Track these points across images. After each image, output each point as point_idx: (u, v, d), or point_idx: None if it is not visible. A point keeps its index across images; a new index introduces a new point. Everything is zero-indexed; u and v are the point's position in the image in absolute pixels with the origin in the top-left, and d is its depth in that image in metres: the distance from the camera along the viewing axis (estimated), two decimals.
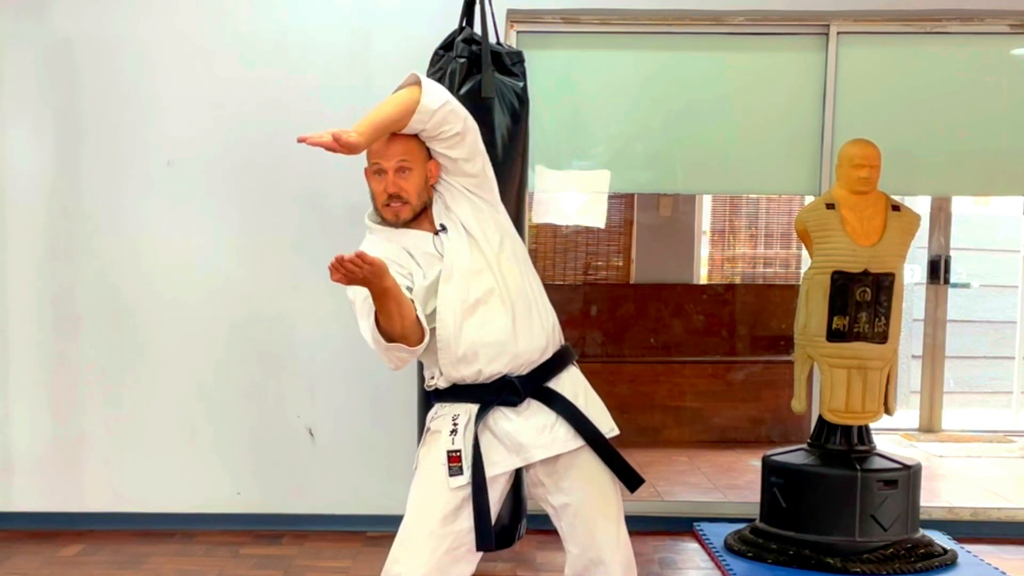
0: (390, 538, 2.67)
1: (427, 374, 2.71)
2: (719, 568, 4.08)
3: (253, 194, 4.51)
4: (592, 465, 2.64)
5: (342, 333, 4.51)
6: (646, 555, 4.23)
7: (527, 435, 2.60)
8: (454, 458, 2.55)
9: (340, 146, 2.44)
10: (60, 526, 4.53)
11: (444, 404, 2.66)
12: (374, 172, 2.62)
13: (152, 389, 4.55)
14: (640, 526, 4.43)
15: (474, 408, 2.59)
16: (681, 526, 4.59)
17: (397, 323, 2.45)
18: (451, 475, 2.55)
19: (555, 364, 2.66)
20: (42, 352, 4.56)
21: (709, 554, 4.26)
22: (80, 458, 4.57)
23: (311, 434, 4.57)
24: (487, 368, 2.57)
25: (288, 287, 4.53)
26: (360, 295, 2.49)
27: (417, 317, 2.49)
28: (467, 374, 2.58)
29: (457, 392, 2.63)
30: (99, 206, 4.51)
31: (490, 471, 2.57)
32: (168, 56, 4.49)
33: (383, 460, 4.46)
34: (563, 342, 2.74)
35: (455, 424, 2.58)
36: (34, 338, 4.55)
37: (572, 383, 2.69)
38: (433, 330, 2.54)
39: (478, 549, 2.56)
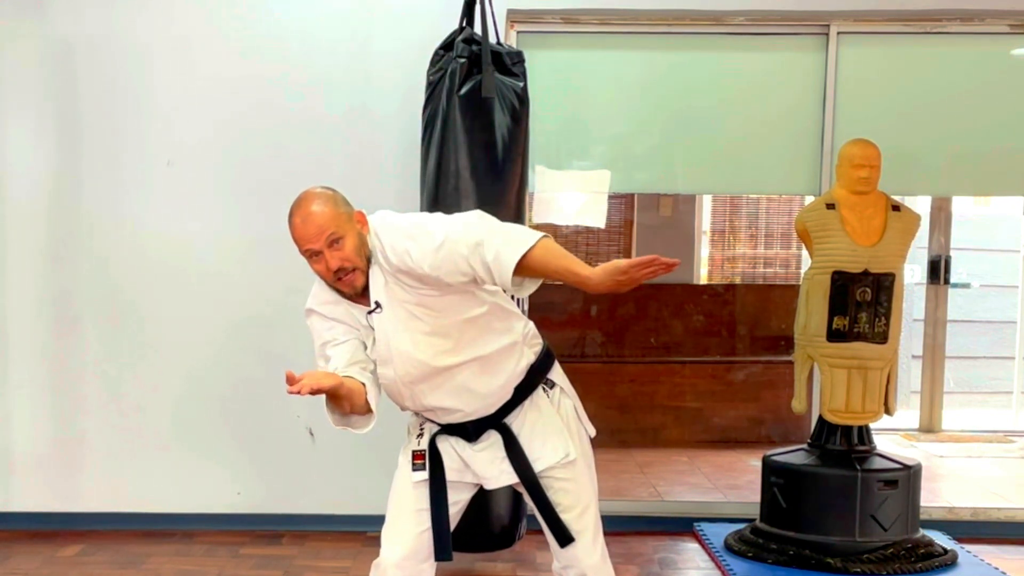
0: None
1: None
2: (719, 568, 4.08)
3: (253, 194, 4.50)
4: (558, 486, 2.68)
5: None
6: (646, 555, 4.23)
7: (478, 465, 2.70)
8: (418, 456, 2.71)
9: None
10: (60, 526, 4.53)
11: (415, 415, 2.79)
12: (309, 257, 2.55)
13: (152, 389, 4.55)
14: (640, 526, 4.45)
15: (435, 426, 2.73)
16: (681, 526, 4.59)
17: (347, 409, 2.53)
18: (414, 471, 2.70)
19: (513, 402, 2.68)
20: (42, 352, 4.56)
21: (709, 554, 4.26)
22: (80, 458, 4.57)
23: (311, 434, 4.57)
24: (442, 419, 2.69)
25: (288, 287, 4.49)
26: (322, 351, 2.61)
27: (367, 400, 2.53)
28: (427, 416, 2.72)
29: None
30: (99, 206, 4.51)
31: (453, 476, 2.71)
32: (168, 56, 4.49)
33: (383, 460, 4.41)
34: (532, 363, 2.69)
35: (421, 429, 2.74)
36: (34, 338, 4.55)
37: (533, 406, 2.70)
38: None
39: (437, 559, 2.68)
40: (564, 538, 2.67)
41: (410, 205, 4.13)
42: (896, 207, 4.06)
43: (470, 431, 2.68)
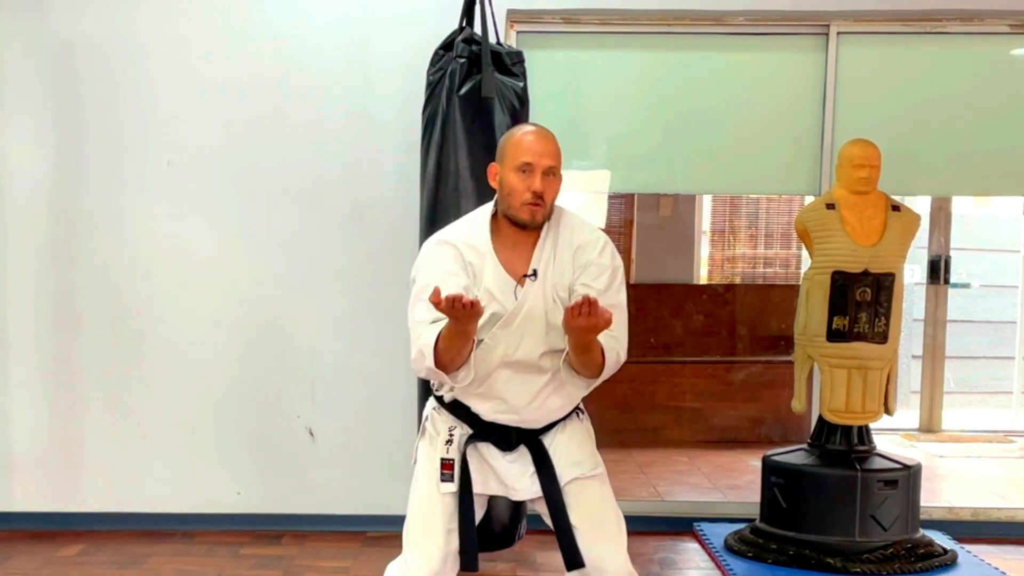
0: (390, 538, 2.69)
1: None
2: (719, 568, 4.08)
3: (253, 194, 4.50)
4: (585, 499, 2.67)
5: (342, 333, 4.53)
6: (646, 555, 4.23)
7: (509, 476, 2.68)
8: (447, 465, 2.65)
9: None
10: (60, 526, 4.53)
11: (444, 411, 2.72)
12: (519, 169, 2.54)
13: (152, 389, 4.55)
14: (640, 526, 4.44)
15: (468, 431, 2.67)
16: (681, 526, 4.59)
17: (451, 356, 2.48)
18: (442, 480, 2.64)
19: (556, 421, 2.70)
20: (42, 352, 4.55)
21: (709, 554, 4.26)
22: (80, 458, 4.57)
23: (311, 434, 4.57)
24: (492, 415, 2.64)
25: (288, 287, 4.53)
26: (428, 292, 2.43)
27: (470, 356, 2.51)
28: (474, 406, 2.65)
29: (458, 410, 2.69)
30: (99, 206, 4.51)
31: (475, 488, 2.67)
32: (168, 56, 4.48)
33: (383, 460, 4.46)
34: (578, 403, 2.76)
35: (451, 435, 2.67)
36: (34, 338, 4.55)
37: (561, 431, 2.71)
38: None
39: (463, 568, 2.64)
40: (574, 561, 2.63)
41: (410, 205, 4.14)
42: (896, 207, 4.06)
43: (512, 439, 2.65)
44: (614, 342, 2.55)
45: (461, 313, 2.31)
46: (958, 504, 4.83)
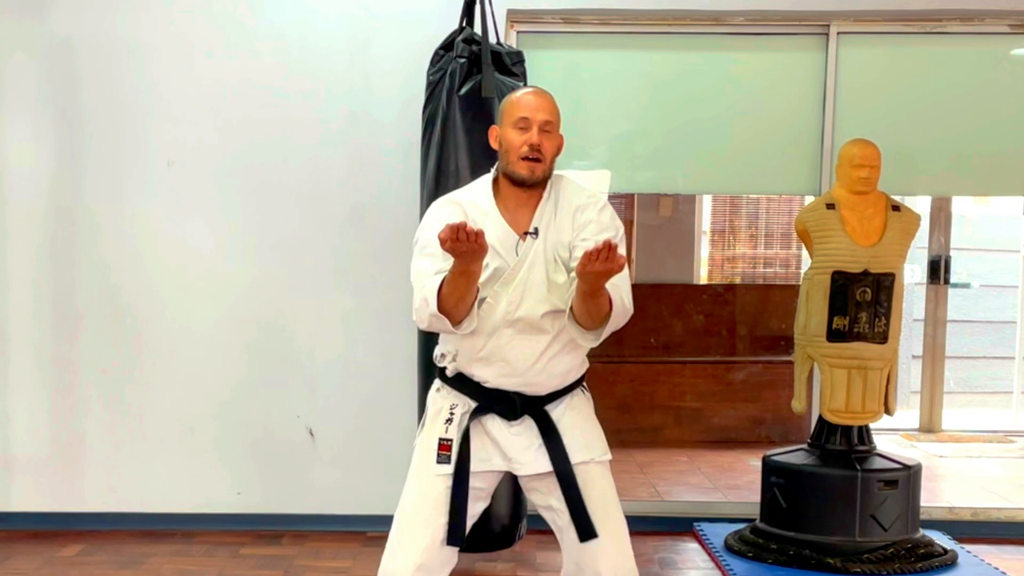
0: None
1: (440, 350, 2.73)
2: (719, 568, 4.08)
3: (253, 194, 4.50)
4: (592, 487, 2.65)
5: (342, 333, 4.53)
6: (646, 555, 4.23)
7: (513, 449, 2.66)
8: (444, 446, 2.63)
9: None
10: (60, 526, 4.53)
11: (445, 387, 2.71)
12: (516, 125, 2.60)
13: (152, 389, 4.55)
14: (640, 526, 4.43)
15: (472, 404, 2.65)
16: (681, 526, 4.59)
17: (455, 300, 2.47)
18: (438, 462, 2.63)
19: (562, 391, 2.69)
20: (42, 352, 4.55)
21: (709, 554, 4.26)
22: (80, 458, 4.57)
23: (311, 434, 4.57)
24: (495, 380, 2.63)
25: (288, 287, 4.53)
26: (432, 247, 2.47)
27: (473, 304, 2.51)
28: (477, 374, 2.64)
29: (461, 383, 2.67)
30: (99, 206, 4.51)
31: (477, 466, 2.64)
32: (168, 56, 4.48)
33: (383, 460, 4.46)
34: (582, 372, 2.76)
35: (451, 413, 2.66)
36: (34, 338, 4.55)
37: (570, 405, 2.70)
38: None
39: (448, 543, 2.60)
40: (587, 532, 2.61)
41: (410, 205, 4.14)
42: (896, 207, 4.06)
43: (517, 408, 2.62)
44: (617, 290, 2.53)
45: (466, 246, 2.30)
46: (958, 504, 4.83)
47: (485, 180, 2.70)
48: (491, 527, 3.76)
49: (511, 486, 3.57)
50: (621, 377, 6.53)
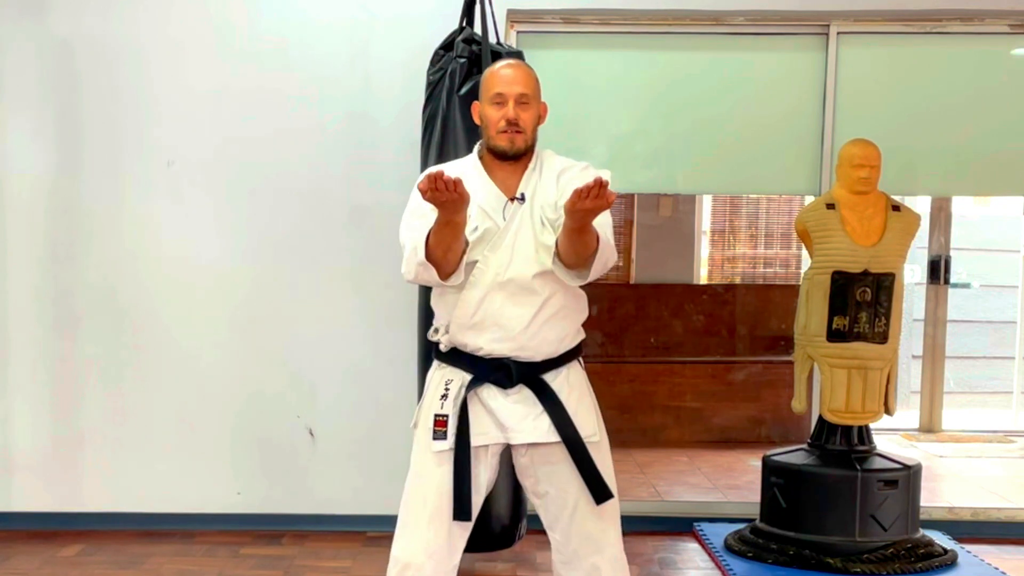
0: (390, 538, 2.67)
1: (434, 326, 2.74)
2: (719, 568, 4.08)
3: (253, 194, 4.50)
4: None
5: (342, 333, 4.53)
6: (646, 555, 4.23)
7: (511, 419, 2.64)
8: (440, 422, 2.64)
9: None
10: (60, 526, 4.53)
11: (442, 364, 2.72)
12: (493, 101, 2.64)
13: (152, 389, 4.55)
14: (640, 526, 4.44)
15: (467, 377, 2.65)
16: (681, 526, 4.59)
17: (441, 252, 2.51)
18: (434, 438, 2.63)
19: (558, 361, 2.69)
20: (42, 352, 4.55)
21: (709, 554, 4.26)
22: (80, 458, 4.57)
23: (311, 434, 4.57)
24: (489, 346, 2.63)
25: (288, 287, 4.53)
26: (422, 210, 2.52)
27: (460, 258, 2.54)
28: (470, 344, 2.64)
29: (455, 357, 2.68)
30: (99, 206, 4.51)
31: (475, 440, 2.63)
32: (168, 57, 4.48)
33: (383, 460, 4.46)
34: (577, 342, 2.77)
35: (447, 389, 2.66)
36: (34, 338, 4.55)
37: (567, 380, 2.70)
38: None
39: (455, 519, 2.60)
40: (603, 492, 2.61)
41: None
42: (896, 207, 4.06)
43: (513, 375, 2.62)
44: (603, 228, 2.59)
45: (446, 195, 2.34)
46: (958, 504, 4.83)
47: (471, 156, 2.76)
48: (491, 527, 3.76)
49: (511, 486, 3.57)
50: (621, 377, 6.53)
